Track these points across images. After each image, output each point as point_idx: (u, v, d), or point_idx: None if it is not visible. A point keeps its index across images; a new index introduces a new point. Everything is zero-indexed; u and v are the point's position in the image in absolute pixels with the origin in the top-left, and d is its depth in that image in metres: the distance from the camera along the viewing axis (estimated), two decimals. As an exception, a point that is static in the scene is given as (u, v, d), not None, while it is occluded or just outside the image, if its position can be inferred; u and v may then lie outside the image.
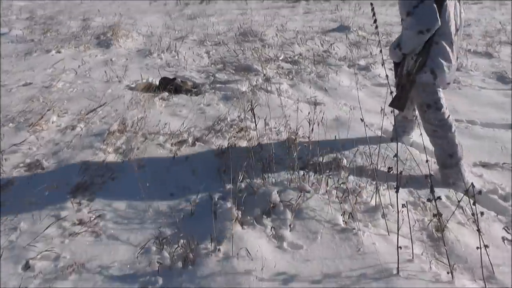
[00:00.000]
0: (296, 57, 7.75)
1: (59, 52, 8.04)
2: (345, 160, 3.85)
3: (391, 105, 3.36)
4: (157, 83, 6.35)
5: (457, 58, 3.43)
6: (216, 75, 6.88)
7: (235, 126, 4.73)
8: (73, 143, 4.39)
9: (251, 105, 4.01)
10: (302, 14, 12.49)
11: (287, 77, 6.75)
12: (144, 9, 13.31)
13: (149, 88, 6.18)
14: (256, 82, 6.49)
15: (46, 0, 15.54)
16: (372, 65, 7.25)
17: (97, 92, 5.91)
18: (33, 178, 3.82)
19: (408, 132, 4.22)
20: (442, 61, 3.27)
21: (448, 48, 3.27)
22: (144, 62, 7.67)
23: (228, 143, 4.27)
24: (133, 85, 6.29)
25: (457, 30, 3.32)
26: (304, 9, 13.26)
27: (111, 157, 4.11)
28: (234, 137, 4.54)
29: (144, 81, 6.50)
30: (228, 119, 4.92)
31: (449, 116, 3.48)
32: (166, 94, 5.81)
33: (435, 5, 3.02)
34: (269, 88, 6.09)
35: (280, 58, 7.76)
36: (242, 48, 8.42)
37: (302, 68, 7.13)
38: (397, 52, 3.39)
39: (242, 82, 6.39)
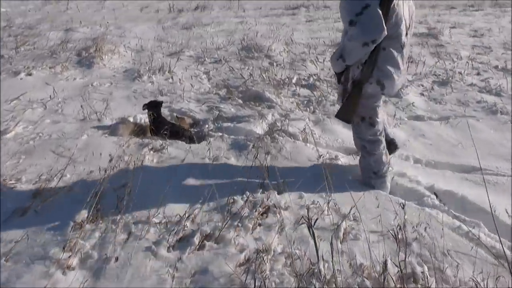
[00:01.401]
0: (312, 80, 6.17)
1: (29, 74, 6.35)
2: None
3: (337, 116, 3.23)
4: (146, 121, 4.68)
5: (408, 59, 3.30)
6: (221, 106, 5.23)
7: (258, 207, 3.08)
8: (17, 249, 2.71)
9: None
10: (304, 22, 10.85)
11: (308, 109, 5.15)
12: (134, 17, 11.56)
13: (137, 131, 4.49)
14: (273, 118, 4.86)
15: (30, 6, 13.65)
16: (401, 90, 5.71)
17: (68, 140, 4.25)
18: None
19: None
20: (390, 69, 3.00)
21: (396, 53, 2.98)
22: (132, 87, 6.00)
23: (257, 249, 2.64)
24: (118, 124, 4.59)
25: (407, 28, 3.00)
26: (305, 17, 11.62)
27: (73, 280, 2.44)
28: (260, 225, 2.92)
29: (131, 119, 4.80)
30: (247, 192, 3.27)
31: (381, 133, 3.36)
32: (158, 142, 4.12)
33: (379, 11, 2.71)
34: (290, 130, 4.47)
35: (294, 81, 6.15)
36: (247, 68, 6.78)
37: (323, 95, 5.51)
38: (340, 63, 3.05)
39: (254, 119, 4.80)
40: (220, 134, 4.52)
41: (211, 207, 3.16)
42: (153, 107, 4.49)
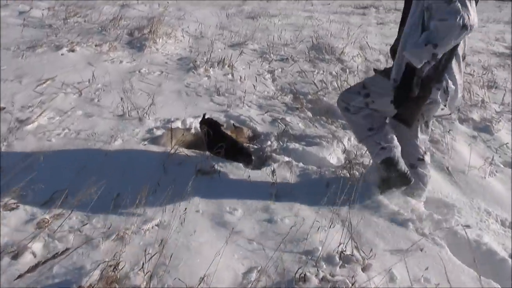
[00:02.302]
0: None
1: (72, 50, 5.43)
2: None
3: (398, 117, 2.69)
4: (198, 130, 3.69)
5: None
6: (287, 118, 4.15)
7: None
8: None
9: None
10: (376, 25, 9.62)
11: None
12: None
13: (185, 140, 3.48)
14: (349, 143, 3.77)
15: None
16: (493, 124, 4.56)
17: (97, 142, 3.29)
18: None
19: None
20: (458, 79, 2.59)
21: (458, 67, 2.60)
22: (185, 80, 5.01)
23: None
24: (159, 133, 3.58)
25: (463, 58, 2.65)
26: (376, 19, 10.39)
27: None
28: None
29: (179, 124, 3.79)
30: (323, 263, 2.25)
31: None
32: (209, 162, 3.09)
33: None
34: (366, 162, 3.37)
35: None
36: (317, 71, 5.68)
37: None
38: (428, 50, 2.33)
39: (328, 142, 3.76)
40: (287, 158, 3.45)
41: (274, 282, 2.11)
42: (210, 126, 3.47)
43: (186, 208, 2.62)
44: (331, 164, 3.52)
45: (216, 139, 3.39)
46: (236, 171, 3.19)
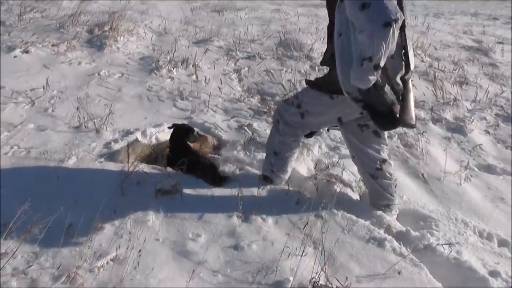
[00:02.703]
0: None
1: (26, 51, 5.09)
2: None
3: (400, 124, 2.35)
4: (160, 141, 3.49)
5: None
6: (254, 125, 4.00)
7: None
8: None
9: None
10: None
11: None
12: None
13: (145, 155, 3.26)
14: (320, 151, 3.64)
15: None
16: (466, 123, 4.53)
17: (51, 160, 3.06)
18: None
19: None
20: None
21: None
22: (147, 82, 4.77)
23: None
24: (117, 147, 3.35)
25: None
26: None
27: None
28: None
29: (139, 136, 3.57)
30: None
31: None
32: (170, 180, 2.89)
33: None
34: (344, 176, 3.26)
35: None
36: (285, 69, 5.49)
37: None
38: (367, 67, 2.13)
39: (298, 151, 3.49)
40: (254, 171, 3.28)
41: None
42: (181, 133, 3.26)
43: (145, 238, 2.42)
44: (300, 175, 3.36)
45: (179, 153, 3.19)
46: (199, 189, 2.99)
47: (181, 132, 3.33)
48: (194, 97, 4.61)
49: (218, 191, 2.98)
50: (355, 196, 3.12)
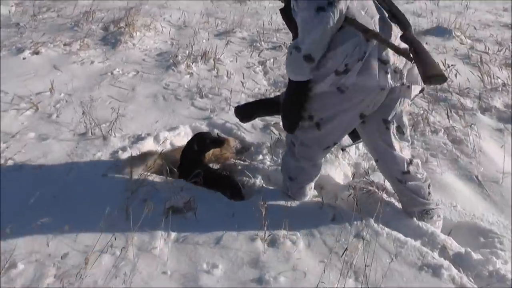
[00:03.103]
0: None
1: (36, 53, 4.72)
2: None
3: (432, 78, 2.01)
4: (176, 143, 3.08)
5: None
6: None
7: None
8: None
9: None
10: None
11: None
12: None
13: (156, 165, 2.83)
14: (358, 154, 3.14)
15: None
16: None
17: (48, 175, 2.68)
18: None
19: None
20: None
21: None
22: (164, 80, 4.34)
23: None
24: (124, 156, 2.93)
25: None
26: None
27: None
28: None
29: (150, 142, 3.14)
30: None
31: None
32: (182, 197, 2.44)
33: None
34: (378, 179, 2.76)
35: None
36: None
37: (425, 110, 3.84)
38: (296, 57, 2.07)
39: (332, 154, 3.18)
40: (280, 179, 2.79)
41: None
42: (205, 143, 2.84)
43: (149, 272, 1.98)
44: (336, 183, 2.88)
45: (193, 164, 2.74)
46: (217, 205, 2.53)
47: (209, 141, 2.88)
48: (215, 94, 4.16)
49: (239, 207, 2.52)
50: (400, 207, 2.60)
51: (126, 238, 2.18)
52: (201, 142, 2.87)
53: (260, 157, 3.21)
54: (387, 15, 2.14)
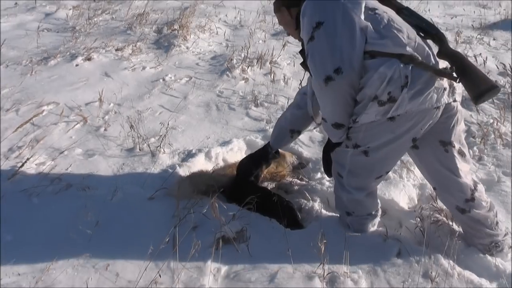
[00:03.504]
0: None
1: (88, 59, 4.63)
2: None
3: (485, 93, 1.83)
4: (230, 159, 2.85)
5: None
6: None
7: None
8: None
9: None
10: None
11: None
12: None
13: (207, 187, 2.60)
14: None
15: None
16: None
17: (92, 198, 2.50)
18: None
19: None
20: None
21: None
22: (217, 87, 4.13)
23: None
24: (174, 175, 2.72)
25: None
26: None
27: None
28: None
29: (201, 159, 2.92)
30: None
31: None
32: (237, 227, 2.21)
33: None
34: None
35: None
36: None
37: (497, 119, 3.41)
38: (326, 126, 2.09)
39: (396, 173, 2.92)
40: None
41: None
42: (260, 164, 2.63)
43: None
44: (400, 208, 2.55)
45: (249, 186, 2.50)
46: (272, 234, 2.27)
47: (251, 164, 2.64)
48: (271, 102, 3.89)
49: (295, 239, 2.24)
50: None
51: (172, 274, 1.97)
52: (256, 163, 2.62)
53: (319, 175, 2.93)
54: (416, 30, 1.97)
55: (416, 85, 1.84)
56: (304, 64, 2.12)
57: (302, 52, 2.13)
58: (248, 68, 4.57)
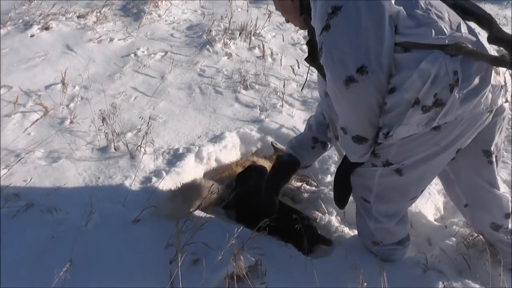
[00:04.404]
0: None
1: (46, 28, 3.90)
2: None
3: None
4: (227, 159, 2.36)
5: None
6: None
7: None
8: None
9: None
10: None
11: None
12: None
13: (205, 199, 2.09)
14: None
15: None
16: None
17: (61, 226, 1.91)
18: None
19: None
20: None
21: None
22: (198, 64, 3.57)
23: None
24: (161, 186, 2.18)
25: None
26: None
27: None
28: None
29: (192, 162, 2.40)
30: None
31: None
32: (249, 260, 1.72)
33: None
34: None
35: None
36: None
37: None
38: (345, 139, 1.65)
39: None
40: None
41: None
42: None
43: None
44: (428, 222, 2.16)
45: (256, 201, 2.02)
46: (291, 263, 1.81)
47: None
48: (262, 84, 3.38)
49: (321, 270, 1.80)
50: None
51: None
52: (259, 176, 2.12)
53: (328, 178, 2.47)
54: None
55: (469, 82, 1.42)
56: (311, 60, 1.69)
57: (309, 44, 1.68)
58: (230, 41, 3.99)
